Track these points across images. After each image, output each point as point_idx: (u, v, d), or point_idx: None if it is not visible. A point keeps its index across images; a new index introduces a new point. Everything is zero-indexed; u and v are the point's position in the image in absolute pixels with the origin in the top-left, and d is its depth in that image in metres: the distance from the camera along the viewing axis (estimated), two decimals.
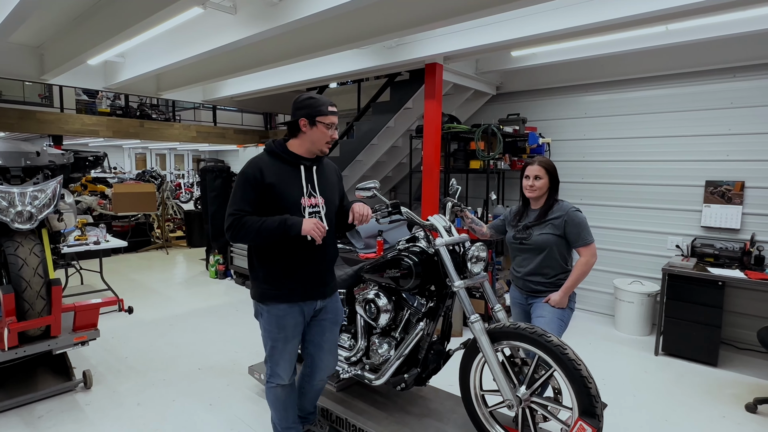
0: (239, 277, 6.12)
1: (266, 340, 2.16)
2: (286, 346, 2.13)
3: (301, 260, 2.07)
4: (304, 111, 2.04)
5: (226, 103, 6.80)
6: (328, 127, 2.05)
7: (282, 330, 2.10)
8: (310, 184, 2.10)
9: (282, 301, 2.08)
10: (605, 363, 3.76)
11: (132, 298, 5.35)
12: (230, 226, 1.97)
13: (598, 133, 4.91)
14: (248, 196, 1.99)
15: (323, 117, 2.03)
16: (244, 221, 1.96)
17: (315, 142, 2.07)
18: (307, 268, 2.10)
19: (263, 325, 2.14)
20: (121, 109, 12.40)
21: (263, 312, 2.12)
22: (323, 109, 2.03)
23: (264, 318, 2.13)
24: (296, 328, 2.14)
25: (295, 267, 2.07)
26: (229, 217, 1.98)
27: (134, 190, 7.83)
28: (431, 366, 2.40)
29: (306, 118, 2.03)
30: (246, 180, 2.00)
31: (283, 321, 2.09)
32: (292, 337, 2.14)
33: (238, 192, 2.00)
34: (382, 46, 4.24)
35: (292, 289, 2.08)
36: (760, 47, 3.89)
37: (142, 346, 3.95)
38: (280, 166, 2.05)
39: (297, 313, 2.11)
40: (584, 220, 2.40)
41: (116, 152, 19.39)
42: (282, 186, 2.01)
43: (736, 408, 3.07)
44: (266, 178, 1.99)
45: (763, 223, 4.01)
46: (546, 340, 1.95)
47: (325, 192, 2.14)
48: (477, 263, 2.22)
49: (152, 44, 4.41)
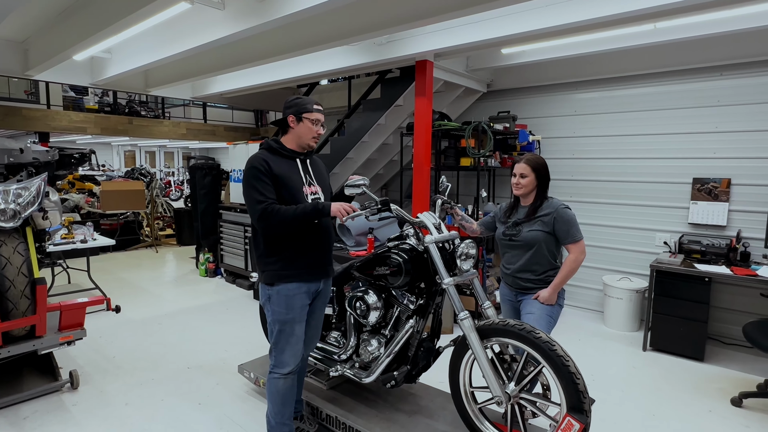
0: (229, 276, 6.08)
1: (273, 325, 2.24)
2: (293, 329, 2.22)
3: (310, 243, 2.25)
4: (292, 109, 2.24)
5: (215, 99, 6.75)
6: (314, 123, 2.24)
7: (290, 310, 2.20)
8: (308, 175, 2.31)
9: (293, 280, 2.21)
10: (594, 359, 3.80)
11: (120, 297, 5.30)
12: (264, 215, 2.09)
13: (587, 130, 4.94)
14: (266, 185, 2.14)
15: (309, 114, 2.22)
16: (277, 209, 2.10)
17: (302, 137, 2.25)
18: (316, 250, 2.27)
19: (271, 308, 2.23)
20: (109, 106, 12.25)
21: (272, 294, 2.21)
22: (309, 106, 2.23)
23: (273, 300, 2.22)
24: (303, 310, 2.24)
25: (306, 249, 2.24)
26: (259, 208, 2.10)
27: (122, 188, 7.73)
28: (421, 363, 2.40)
29: (294, 115, 2.24)
30: (258, 171, 2.14)
31: (292, 301, 2.20)
32: (299, 320, 2.23)
33: (255, 184, 2.13)
34: (372, 42, 4.22)
35: (302, 268, 2.23)
36: (746, 46, 3.93)
37: (130, 346, 3.91)
38: (280, 160, 2.23)
39: (304, 294, 2.24)
40: (573, 217, 2.41)
41: (105, 149, 19.17)
42: (286, 177, 2.19)
43: (722, 402, 3.11)
44: (274, 168, 2.16)
45: (749, 220, 4.06)
46: (535, 336, 1.95)
47: (320, 182, 2.37)
48: (466, 260, 2.22)
49: (139, 40, 4.35)
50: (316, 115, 2.23)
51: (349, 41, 3.63)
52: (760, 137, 3.99)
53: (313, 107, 2.22)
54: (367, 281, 2.53)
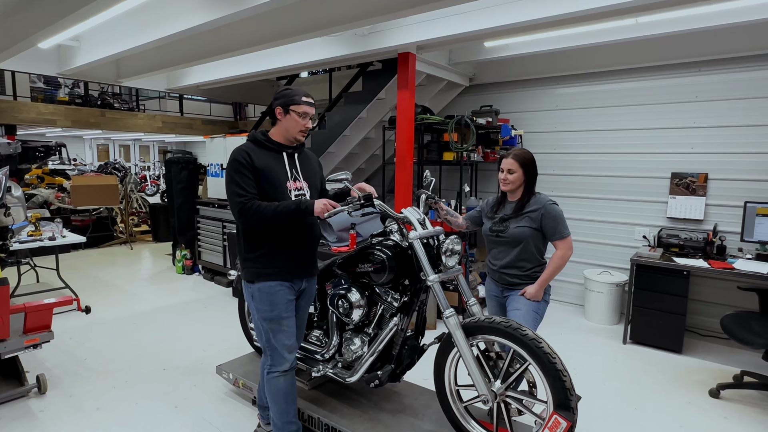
0: (207, 273, 5.93)
1: (261, 323, 2.16)
2: (281, 325, 2.14)
3: (292, 240, 2.16)
4: (280, 101, 2.16)
5: (191, 91, 6.54)
6: (301, 116, 2.14)
7: (274, 307, 2.13)
8: (294, 170, 2.21)
9: (273, 278, 2.13)
10: (576, 353, 3.82)
11: (92, 295, 5.10)
12: (243, 210, 2.02)
13: (568, 125, 4.96)
14: (247, 179, 2.05)
15: (296, 106, 2.13)
16: (258, 205, 2.02)
17: (289, 130, 2.16)
18: (297, 248, 2.19)
19: (255, 306, 2.15)
20: (80, 98, 11.80)
21: (254, 292, 2.14)
22: (296, 98, 2.13)
23: (256, 298, 2.15)
24: (288, 305, 2.17)
25: (287, 246, 2.15)
26: (238, 202, 2.03)
27: (94, 183, 7.47)
28: (405, 362, 2.35)
29: (281, 107, 2.15)
30: (240, 165, 2.06)
31: (274, 298, 2.13)
32: (287, 315, 2.16)
33: (236, 177, 2.05)
34: (354, 33, 4.13)
35: (282, 266, 2.14)
36: (723, 42, 3.98)
37: (102, 347, 3.76)
38: (265, 153, 2.14)
39: (287, 291, 2.16)
40: (561, 213, 2.39)
41: (76, 143, 18.52)
42: (269, 170, 2.11)
43: (701, 394, 3.15)
44: (256, 162, 2.08)
45: (725, 214, 4.13)
46: (521, 333, 1.92)
47: (308, 177, 2.27)
48: (452, 256, 2.17)
49: (110, 27, 4.16)
50: (304, 108, 2.13)
51: (330, 31, 3.53)
52: (736, 132, 4.06)
53: (301, 99, 2.12)
54: (350, 278, 2.46)
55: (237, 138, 5.40)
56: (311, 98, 2.18)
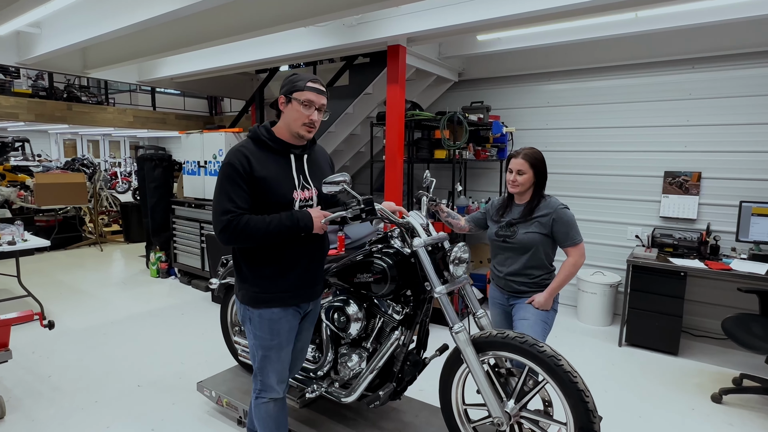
0: (184, 276, 5.61)
1: (256, 349, 1.91)
2: (279, 354, 1.91)
3: (295, 258, 1.87)
4: (284, 89, 1.80)
5: (165, 84, 6.18)
6: (304, 105, 1.76)
7: (276, 336, 1.88)
8: (302, 176, 1.88)
9: (275, 304, 1.86)
10: (572, 356, 3.71)
11: (58, 303, 4.74)
12: (227, 228, 1.71)
13: (560, 122, 4.85)
14: (240, 190, 1.73)
15: (299, 93, 1.75)
16: (245, 223, 1.71)
17: (290, 124, 1.80)
18: (305, 266, 1.90)
19: (253, 331, 1.90)
20: (44, 90, 11.16)
21: (253, 317, 1.88)
22: (300, 84, 1.76)
23: (255, 324, 1.88)
24: (291, 333, 1.92)
25: (294, 265, 1.86)
26: (224, 217, 1.71)
27: (60, 181, 7.02)
28: (407, 378, 2.17)
29: (284, 95, 1.79)
30: (235, 172, 1.72)
31: (277, 326, 1.87)
32: (287, 344, 1.92)
33: (228, 186, 1.73)
34: (341, 24, 3.90)
35: (287, 290, 1.87)
36: (718, 39, 3.92)
37: (70, 362, 3.45)
38: (268, 156, 1.81)
39: (291, 317, 1.91)
40: (573, 218, 2.24)
41: (41, 138, 17.64)
42: (273, 180, 1.78)
43: (703, 399, 3.08)
44: (256, 170, 1.74)
45: (718, 213, 4.09)
46: (538, 350, 1.76)
47: (318, 183, 1.93)
48: (459, 265, 1.99)
49: (74, 13, 3.83)
50: (309, 95, 1.74)
51: (315, 21, 3.29)
52: (730, 131, 4.01)
53: (306, 85, 1.74)
54: (346, 288, 2.26)
55: (215, 134, 5.09)
56: (322, 84, 1.80)
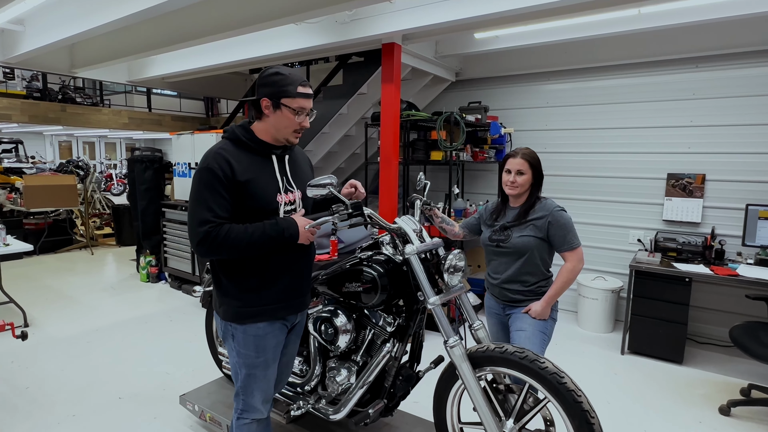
0: (174, 281, 5.47)
1: (239, 367, 1.77)
2: (265, 372, 1.77)
3: (280, 268, 1.73)
4: (267, 89, 1.63)
5: (156, 84, 6.05)
6: (296, 113, 1.65)
7: (262, 353, 1.74)
8: (285, 177, 1.76)
9: (261, 319, 1.72)
10: (573, 364, 3.58)
11: (43, 309, 4.60)
12: (206, 240, 1.56)
13: (560, 123, 4.73)
14: (220, 198, 1.59)
15: (290, 99, 1.63)
16: (224, 234, 1.57)
17: (280, 130, 1.68)
18: (292, 276, 1.77)
19: (236, 348, 1.75)
20: (39, 92, 11.03)
21: (237, 333, 1.73)
22: (291, 89, 1.62)
23: (238, 341, 1.73)
24: (277, 348, 1.79)
25: (275, 277, 1.72)
26: (202, 228, 1.56)
27: (49, 183, 6.87)
28: (399, 393, 2.04)
29: (269, 99, 1.63)
30: (214, 177, 1.58)
31: (263, 342, 1.73)
32: (273, 361, 1.79)
33: (206, 193, 1.58)
34: (334, 21, 3.78)
35: (273, 302, 1.73)
36: (722, 37, 3.80)
37: (49, 372, 3.30)
38: (249, 158, 1.67)
39: (278, 331, 1.77)
40: (570, 221, 2.12)
41: (36, 139, 17.49)
42: (257, 183, 1.65)
43: (710, 411, 2.95)
44: (238, 174, 1.60)
45: (723, 217, 3.97)
46: (539, 366, 1.63)
47: (302, 185, 1.80)
48: (455, 274, 1.86)
49: (59, 7, 3.71)
50: (301, 102, 1.63)
51: (308, 16, 3.18)
52: (735, 132, 3.89)
53: (297, 90, 1.61)
54: (334, 298, 2.13)
55: (206, 135, 4.96)
56: (309, 86, 1.67)
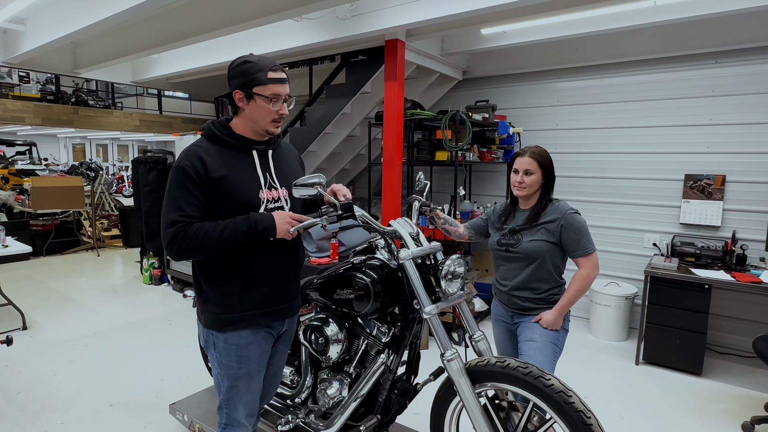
0: (177, 283, 5.41)
1: (222, 379, 1.66)
2: (249, 384, 1.66)
3: (264, 270, 1.61)
4: (237, 80, 1.53)
5: (161, 84, 6.02)
6: (271, 101, 1.53)
7: (245, 364, 1.63)
8: (268, 173, 1.65)
9: (243, 326, 1.60)
10: (585, 375, 3.41)
11: (43, 312, 4.55)
12: (174, 240, 1.47)
13: (571, 122, 4.55)
14: (191, 197, 1.50)
15: (262, 87, 1.51)
16: (195, 232, 1.48)
17: (257, 121, 1.58)
18: (277, 279, 1.65)
19: (218, 359, 1.64)
20: (52, 94, 11.16)
21: (218, 342, 1.62)
22: (260, 76, 1.51)
23: (219, 350, 1.63)
24: (262, 359, 1.68)
25: (257, 280, 1.61)
26: (170, 229, 1.48)
27: (56, 185, 6.88)
28: (394, 408, 1.90)
29: (241, 90, 1.54)
30: (185, 176, 1.50)
31: (245, 352, 1.62)
32: (257, 372, 1.68)
33: (177, 192, 1.50)
34: (335, 16, 3.67)
35: (254, 308, 1.61)
36: (742, 30, 3.60)
37: (42, 377, 3.23)
38: (226, 154, 1.58)
39: (263, 340, 1.66)
40: (584, 224, 1.96)
41: (50, 142, 17.75)
42: (233, 179, 1.55)
43: (732, 427, 2.76)
44: (212, 170, 1.52)
45: (745, 220, 3.76)
46: (545, 384, 1.48)
47: (287, 182, 1.69)
48: (453, 281, 1.72)
49: (59, 5, 3.66)
50: (274, 88, 1.52)
51: (308, 9, 3.08)
52: (757, 130, 3.68)
53: (266, 77, 1.50)
54: (327, 305, 2.01)
55: None
56: (281, 70, 1.55)
